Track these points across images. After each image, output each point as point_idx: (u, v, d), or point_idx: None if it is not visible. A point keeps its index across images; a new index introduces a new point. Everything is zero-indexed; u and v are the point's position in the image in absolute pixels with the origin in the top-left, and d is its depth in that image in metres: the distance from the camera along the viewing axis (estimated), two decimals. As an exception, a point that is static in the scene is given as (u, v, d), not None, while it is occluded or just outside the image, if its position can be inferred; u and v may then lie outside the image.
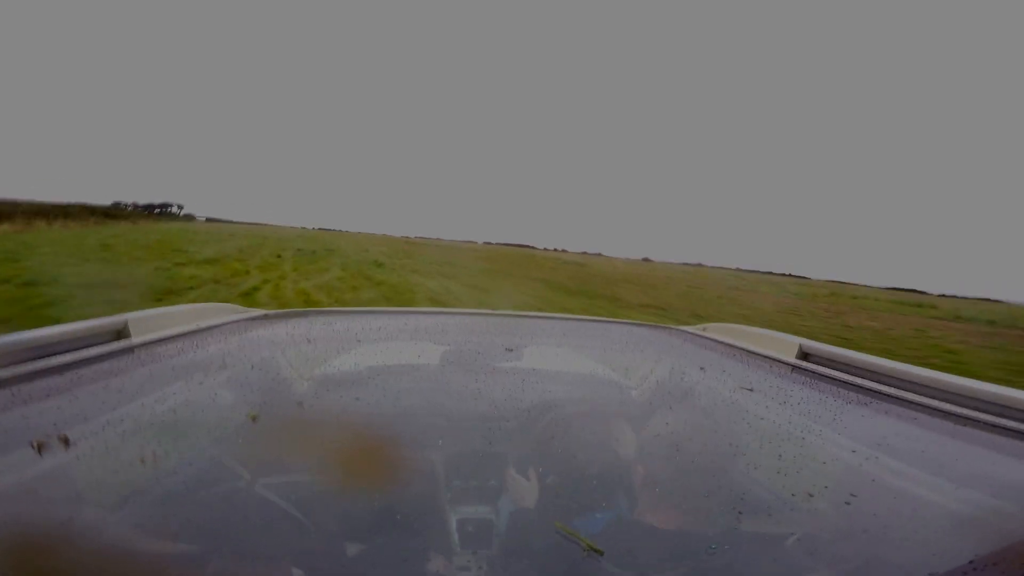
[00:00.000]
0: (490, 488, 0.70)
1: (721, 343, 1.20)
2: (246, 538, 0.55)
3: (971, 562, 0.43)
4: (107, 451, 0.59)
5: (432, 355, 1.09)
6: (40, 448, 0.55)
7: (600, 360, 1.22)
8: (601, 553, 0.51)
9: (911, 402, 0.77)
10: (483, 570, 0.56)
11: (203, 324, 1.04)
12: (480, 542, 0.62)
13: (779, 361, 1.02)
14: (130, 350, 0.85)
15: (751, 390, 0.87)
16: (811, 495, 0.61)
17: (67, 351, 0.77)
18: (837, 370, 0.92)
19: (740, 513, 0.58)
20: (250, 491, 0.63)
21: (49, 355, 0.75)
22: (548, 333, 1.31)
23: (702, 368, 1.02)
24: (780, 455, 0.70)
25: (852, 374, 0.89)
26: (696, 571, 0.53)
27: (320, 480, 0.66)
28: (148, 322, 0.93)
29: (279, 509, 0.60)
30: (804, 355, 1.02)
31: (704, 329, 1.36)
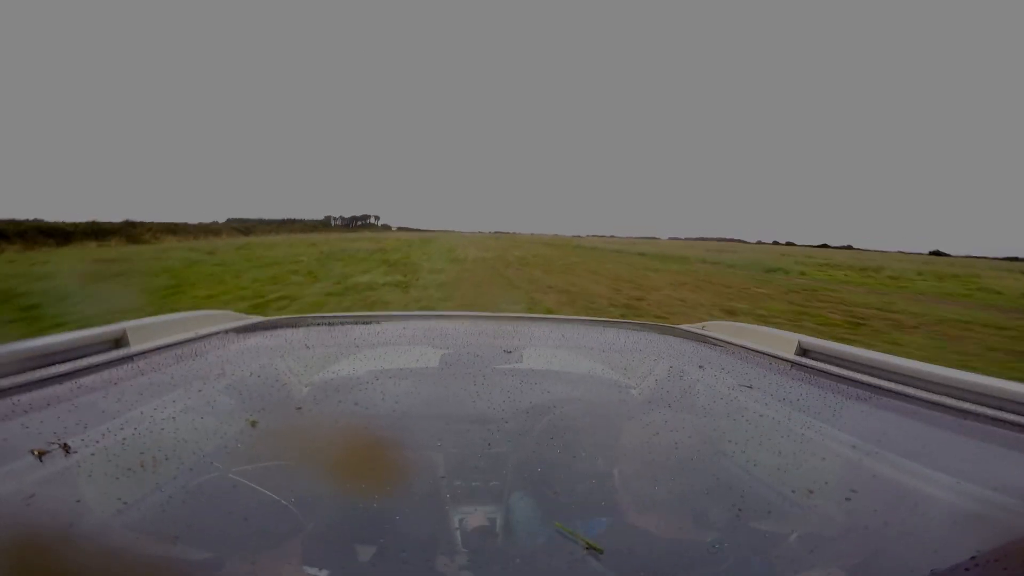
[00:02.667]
0: (489, 489, 0.70)
1: (720, 341, 1.20)
2: (247, 543, 0.55)
3: (973, 558, 0.42)
4: (107, 459, 0.59)
5: (431, 358, 1.09)
6: (41, 456, 0.55)
7: (599, 360, 1.22)
8: (601, 551, 0.51)
9: (911, 397, 0.77)
10: (483, 570, 0.56)
11: (201, 332, 1.04)
12: (480, 543, 0.62)
13: (778, 358, 1.02)
14: (129, 358, 0.85)
15: (750, 387, 0.87)
16: (811, 492, 0.61)
17: (66, 360, 0.78)
18: (836, 366, 0.92)
19: (740, 511, 0.58)
20: (251, 497, 0.63)
21: (48, 364, 0.75)
22: (547, 334, 1.31)
23: (701, 366, 1.02)
24: (780, 452, 0.70)
25: (851, 370, 0.89)
26: (696, 569, 0.53)
27: (319, 484, 0.66)
28: (146, 331, 0.93)
29: (278, 514, 0.60)
30: (803, 351, 1.01)
31: (703, 327, 1.36)
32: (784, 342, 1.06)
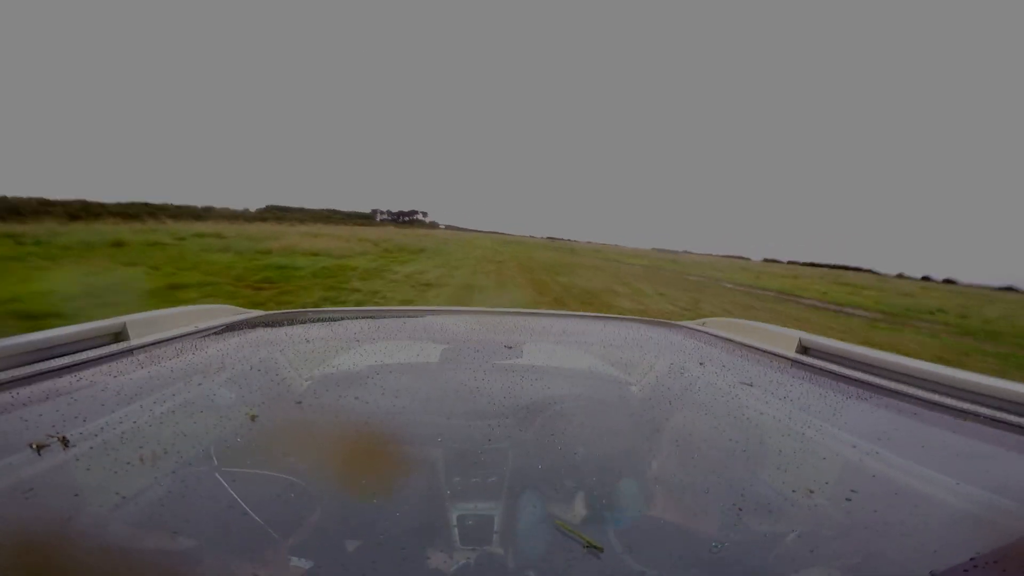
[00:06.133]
0: (489, 485, 0.70)
1: (720, 338, 1.20)
2: (246, 537, 0.55)
3: (972, 559, 0.42)
4: (106, 452, 0.59)
5: (431, 353, 1.09)
6: (39, 449, 0.55)
7: (599, 356, 1.22)
8: (600, 550, 0.51)
9: (911, 396, 0.77)
10: (482, 567, 0.56)
11: (201, 325, 1.04)
12: (479, 539, 0.62)
13: (778, 355, 1.02)
14: (129, 352, 0.85)
15: (751, 385, 0.87)
16: (811, 491, 0.61)
17: (65, 354, 0.77)
18: (836, 364, 0.92)
19: (740, 510, 0.58)
20: (251, 490, 0.63)
21: (48, 358, 0.75)
22: (547, 330, 1.30)
23: (701, 363, 1.02)
24: (780, 451, 0.70)
25: (851, 368, 0.89)
26: (696, 568, 0.53)
27: (319, 478, 0.66)
28: (146, 324, 0.93)
29: (278, 508, 0.60)
30: (803, 349, 1.01)
31: (704, 324, 1.36)
32: (785, 339, 1.05)
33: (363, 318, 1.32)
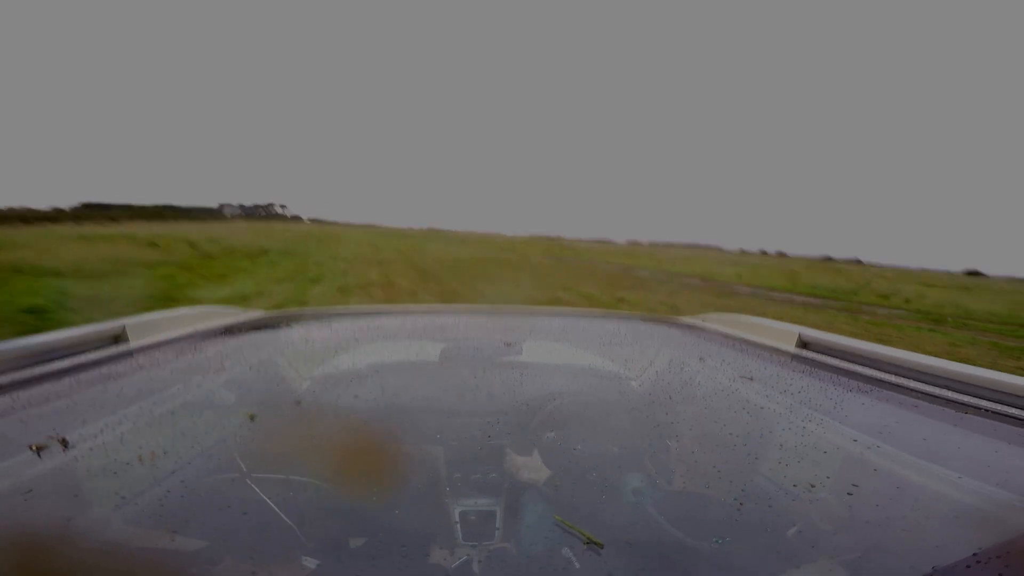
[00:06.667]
0: (489, 481, 0.70)
1: (720, 333, 1.20)
2: (246, 537, 0.55)
3: (974, 554, 0.42)
4: (106, 454, 0.59)
5: (431, 352, 1.09)
6: (39, 451, 0.55)
7: (599, 352, 1.22)
8: (601, 545, 0.51)
9: (912, 390, 0.77)
10: (482, 563, 0.56)
11: (200, 327, 1.04)
12: (480, 535, 0.62)
13: (778, 350, 1.02)
14: (128, 354, 0.85)
15: (751, 380, 0.87)
16: (812, 486, 0.61)
17: (65, 356, 0.78)
18: (837, 358, 0.92)
19: (741, 505, 0.58)
20: (250, 490, 0.63)
21: (48, 360, 0.75)
22: (547, 327, 1.30)
23: (701, 359, 1.02)
24: (781, 445, 0.70)
25: (852, 362, 0.89)
26: (697, 563, 0.53)
27: (319, 477, 0.66)
28: (146, 326, 0.93)
29: (279, 507, 0.60)
30: (803, 344, 1.01)
31: (703, 319, 1.36)
32: (784, 334, 1.05)
33: (362, 317, 1.31)
